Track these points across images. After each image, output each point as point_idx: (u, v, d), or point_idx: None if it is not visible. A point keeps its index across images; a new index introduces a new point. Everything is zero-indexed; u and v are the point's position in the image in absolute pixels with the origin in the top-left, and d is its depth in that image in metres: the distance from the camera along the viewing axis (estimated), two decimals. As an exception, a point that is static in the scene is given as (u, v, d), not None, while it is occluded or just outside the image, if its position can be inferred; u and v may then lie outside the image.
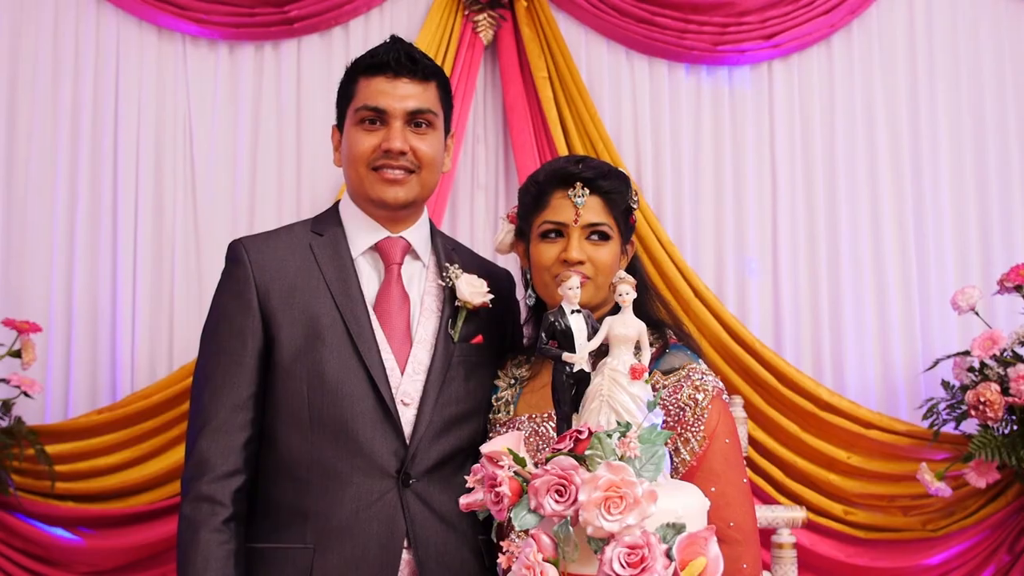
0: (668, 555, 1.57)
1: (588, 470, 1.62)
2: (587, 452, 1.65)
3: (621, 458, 1.63)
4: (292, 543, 2.24)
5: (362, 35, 3.91)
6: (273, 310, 2.29)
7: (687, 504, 1.67)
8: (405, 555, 2.22)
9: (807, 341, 3.93)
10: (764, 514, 3.35)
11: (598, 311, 2.16)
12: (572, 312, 1.87)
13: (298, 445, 2.26)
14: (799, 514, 3.38)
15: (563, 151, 3.76)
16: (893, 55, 4.02)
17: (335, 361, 2.27)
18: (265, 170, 3.88)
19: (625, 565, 1.54)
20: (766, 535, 3.37)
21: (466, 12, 3.82)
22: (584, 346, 1.84)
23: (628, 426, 1.68)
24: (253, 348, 2.28)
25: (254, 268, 2.32)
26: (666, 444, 2.01)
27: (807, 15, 3.90)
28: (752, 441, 3.63)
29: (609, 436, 1.66)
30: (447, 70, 3.71)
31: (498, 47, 3.87)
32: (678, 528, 1.60)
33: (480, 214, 3.92)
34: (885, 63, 4.01)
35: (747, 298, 3.92)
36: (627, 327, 1.81)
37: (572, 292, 1.86)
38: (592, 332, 1.87)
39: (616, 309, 1.89)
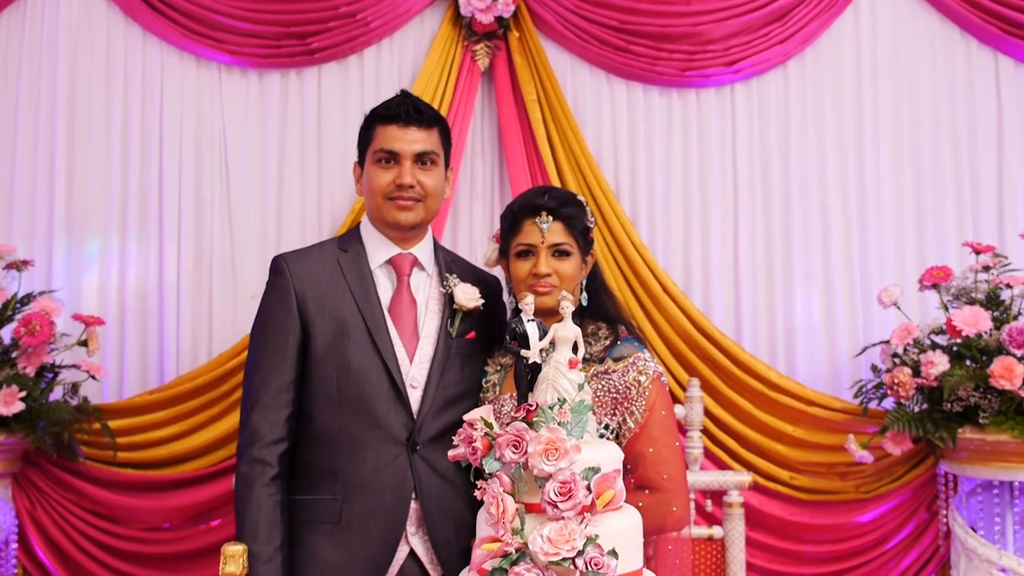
0: (588, 488, 2.04)
1: (535, 431, 2.08)
2: (535, 419, 2.12)
3: (559, 424, 2.10)
4: (324, 495, 2.64)
5: (374, 63, 4.32)
6: (309, 312, 2.68)
7: (604, 455, 2.15)
8: (413, 505, 2.62)
9: (764, 331, 4.32)
10: (716, 478, 3.82)
11: (559, 315, 2.43)
12: (528, 320, 2.36)
13: (329, 419, 2.65)
14: (745, 478, 3.80)
15: (550, 165, 4.18)
16: (841, 79, 4.40)
17: (358, 353, 2.65)
18: (290, 181, 4.26)
19: (558, 494, 2.02)
20: (718, 496, 3.85)
21: (465, 43, 4.24)
22: (536, 345, 2.33)
23: (564, 401, 2.18)
24: (293, 343, 2.67)
25: (294, 279, 2.71)
26: (612, 416, 2.58)
27: (765, 44, 4.30)
28: (711, 416, 4.08)
29: (551, 408, 2.13)
30: (449, 94, 4.18)
31: (494, 73, 4.27)
32: (595, 470, 2.08)
33: (478, 219, 4.33)
34: (834, 86, 4.40)
35: (712, 294, 4.32)
36: (567, 331, 2.33)
37: (528, 306, 2.40)
38: (543, 335, 2.35)
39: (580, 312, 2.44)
